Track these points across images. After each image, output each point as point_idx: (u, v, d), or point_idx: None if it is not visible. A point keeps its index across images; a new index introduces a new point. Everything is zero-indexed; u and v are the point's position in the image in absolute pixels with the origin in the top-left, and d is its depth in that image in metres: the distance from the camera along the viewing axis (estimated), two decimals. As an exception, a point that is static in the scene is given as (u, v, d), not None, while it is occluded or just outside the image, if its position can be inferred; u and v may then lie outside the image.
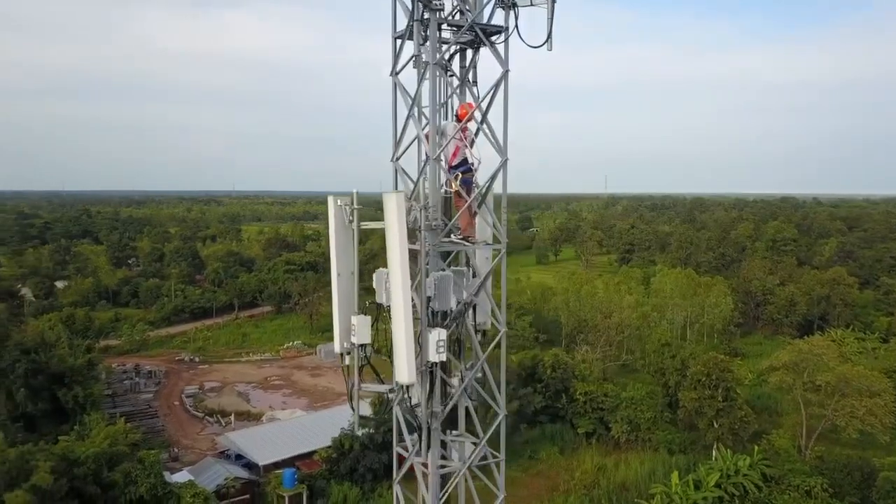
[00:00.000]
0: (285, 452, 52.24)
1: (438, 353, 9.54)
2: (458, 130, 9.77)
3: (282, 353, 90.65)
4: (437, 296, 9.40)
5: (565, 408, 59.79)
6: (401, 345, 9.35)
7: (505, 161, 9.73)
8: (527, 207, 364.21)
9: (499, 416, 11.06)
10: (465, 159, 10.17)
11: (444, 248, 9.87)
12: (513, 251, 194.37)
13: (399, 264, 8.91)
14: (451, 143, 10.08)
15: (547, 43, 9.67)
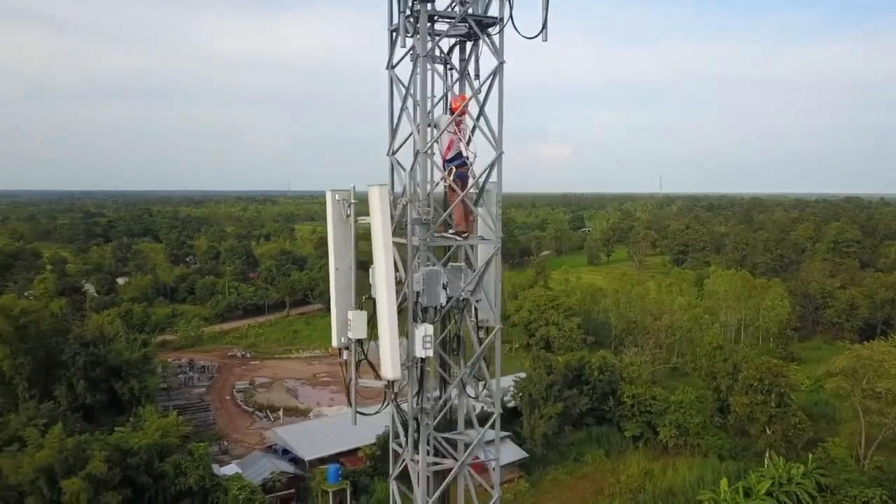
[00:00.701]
0: (330, 448, 52.86)
1: (425, 348, 9.49)
2: (450, 123, 9.66)
3: (331, 351, 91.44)
4: (426, 291, 9.32)
5: (612, 410, 58.93)
6: (385, 340, 9.34)
7: (499, 155, 9.58)
8: (579, 207, 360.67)
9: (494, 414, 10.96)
10: (460, 153, 10.06)
11: (435, 244, 9.80)
12: (564, 251, 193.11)
13: (383, 259, 8.88)
14: (445, 137, 10.00)
15: (542, 33, 9.50)
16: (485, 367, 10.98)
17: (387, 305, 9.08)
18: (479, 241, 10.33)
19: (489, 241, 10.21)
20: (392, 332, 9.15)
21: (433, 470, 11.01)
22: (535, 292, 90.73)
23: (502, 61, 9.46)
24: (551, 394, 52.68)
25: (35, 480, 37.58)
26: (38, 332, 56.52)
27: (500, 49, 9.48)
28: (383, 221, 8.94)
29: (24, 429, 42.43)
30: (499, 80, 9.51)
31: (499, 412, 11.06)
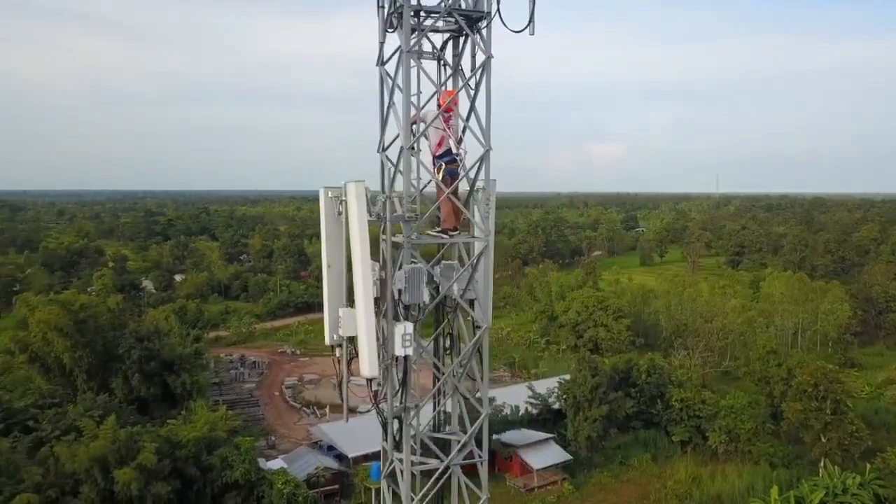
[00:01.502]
0: (374, 446, 52.90)
1: (405, 347, 9.43)
2: (437, 118, 9.53)
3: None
4: (408, 289, 9.24)
5: (660, 414, 57.80)
6: (363, 337, 9.32)
7: (487, 151, 9.44)
8: (633, 207, 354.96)
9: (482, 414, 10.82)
10: (450, 149, 9.94)
11: (419, 241, 9.73)
12: (616, 252, 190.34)
13: (360, 256, 8.85)
14: (434, 133, 9.90)
15: (529, 27, 9.33)
16: (475, 366, 10.86)
17: (364, 303, 9.08)
18: (466, 240, 10.23)
19: (477, 239, 10.10)
20: (369, 329, 9.14)
21: (421, 469, 10.95)
22: (584, 293, 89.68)
23: (490, 56, 9.31)
24: (596, 396, 51.98)
25: (90, 469, 38.97)
26: (96, 326, 58.64)
27: (487, 44, 9.34)
28: (360, 218, 8.93)
29: (80, 419, 44.07)
30: (486, 75, 9.37)
31: (487, 412, 10.92)
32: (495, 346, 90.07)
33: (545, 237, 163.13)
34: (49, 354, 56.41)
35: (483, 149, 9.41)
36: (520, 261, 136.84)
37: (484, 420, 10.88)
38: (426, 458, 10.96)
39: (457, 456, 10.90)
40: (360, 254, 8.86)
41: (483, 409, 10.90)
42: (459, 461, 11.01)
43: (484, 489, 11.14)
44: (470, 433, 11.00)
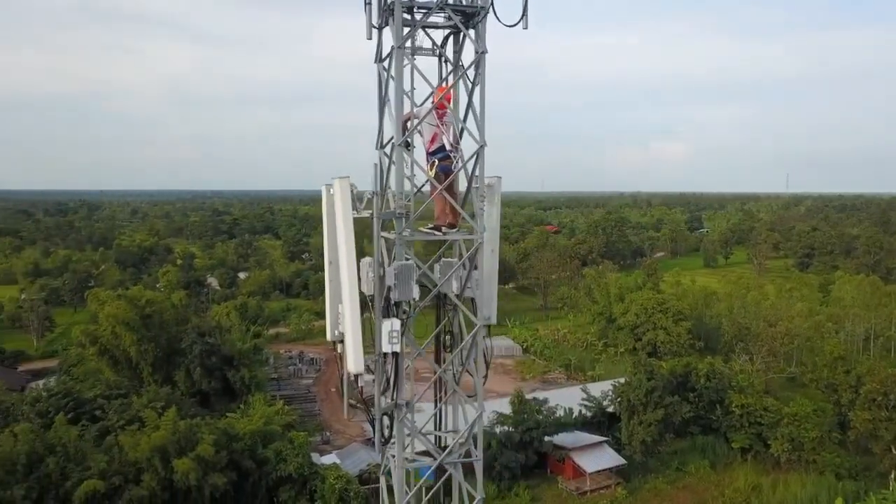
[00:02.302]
0: (426, 444, 53.54)
1: (392, 343, 9.39)
2: (428, 114, 9.45)
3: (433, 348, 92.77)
4: (398, 286, 9.19)
5: (719, 420, 56.16)
6: (348, 333, 9.34)
7: (481, 147, 9.30)
8: (698, 207, 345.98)
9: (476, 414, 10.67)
10: (443, 146, 9.82)
11: (411, 238, 9.68)
12: (679, 253, 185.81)
13: (345, 252, 8.85)
14: (428, 129, 9.81)
15: (522, 20, 9.15)
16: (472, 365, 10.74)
17: (349, 299, 9.11)
18: (458, 237, 10.13)
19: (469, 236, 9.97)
20: (354, 325, 9.16)
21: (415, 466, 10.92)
22: (643, 295, 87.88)
23: (483, 51, 9.19)
24: (651, 400, 50.90)
25: (151, 458, 40.43)
26: (161, 321, 60.80)
27: (482, 39, 9.22)
28: (344, 214, 8.97)
29: (143, 410, 45.75)
30: (481, 70, 9.25)
31: (481, 410, 10.79)
32: (551, 348, 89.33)
33: (606, 237, 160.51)
34: (117, 347, 58.80)
35: (477, 145, 9.32)
36: (579, 261, 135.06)
37: (478, 419, 10.77)
38: (418, 457, 10.96)
39: (451, 454, 10.83)
40: (345, 250, 8.93)
41: (477, 407, 10.79)
42: (453, 460, 10.95)
43: (479, 489, 11.04)
44: (463, 432, 10.93)
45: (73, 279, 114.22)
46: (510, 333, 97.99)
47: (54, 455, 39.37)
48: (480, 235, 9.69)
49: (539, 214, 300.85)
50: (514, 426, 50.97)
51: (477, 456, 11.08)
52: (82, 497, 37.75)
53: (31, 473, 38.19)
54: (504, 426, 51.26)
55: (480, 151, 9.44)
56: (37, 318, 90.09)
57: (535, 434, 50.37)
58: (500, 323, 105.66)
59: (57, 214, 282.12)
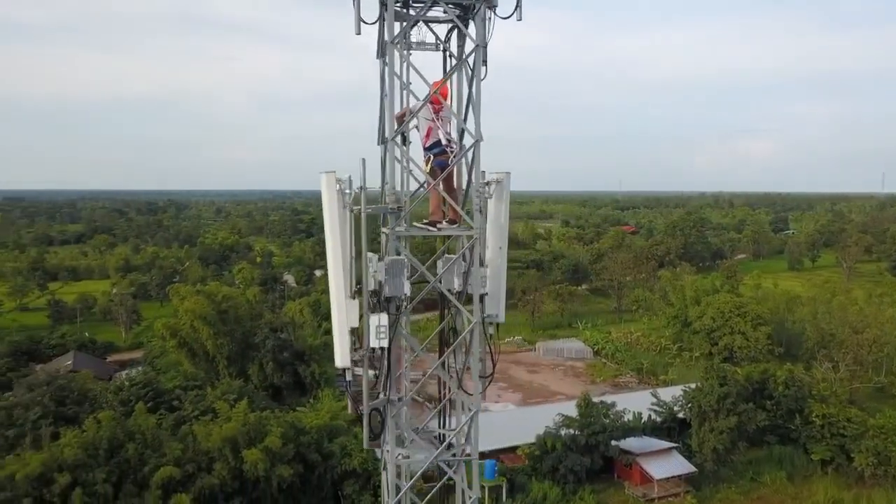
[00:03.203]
0: (490, 444, 53.25)
1: (379, 338, 9.32)
2: (422, 108, 9.30)
3: (502, 347, 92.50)
4: (388, 281, 9.10)
5: (798, 430, 53.69)
6: (335, 327, 9.34)
7: (476, 142, 9.09)
8: (783, 208, 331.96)
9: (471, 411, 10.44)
10: (439, 141, 9.66)
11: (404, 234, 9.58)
12: (762, 255, 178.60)
13: (331, 247, 8.84)
14: (423, 124, 9.67)
15: (516, 12, 8.90)
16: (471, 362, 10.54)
17: (335, 293, 9.14)
18: (452, 232, 9.98)
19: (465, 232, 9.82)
20: (341, 320, 9.16)
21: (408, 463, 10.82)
22: (720, 298, 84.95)
23: (478, 44, 9.02)
24: (724, 406, 49.12)
25: (222, 448, 41.94)
26: (236, 316, 63.03)
27: (480, 32, 9.05)
28: (330, 209, 8.97)
29: (217, 402, 47.52)
30: (477, 64, 9.08)
31: (477, 409, 10.59)
32: (623, 351, 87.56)
33: (684, 238, 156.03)
34: (195, 341, 61.31)
35: (473, 139, 9.19)
36: (655, 263, 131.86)
37: (474, 417, 10.61)
38: (411, 454, 10.89)
39: (444, 452, 10.73)
40: (331, 244, 9.00)
41: (474, 406, 10.62)
42: (446, 458, 10.83)
43: (474, 489, 10.88)
44: (457, 430, 10.80)
45: (160, 275, 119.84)
46: (581, 336, 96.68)
47: (134, 441, 41.36)
48: (477, 231, 9.58)
49: (616, 214, 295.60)
50: (579, 429, 50.18)
51: (473, 455, 10.95)
52: (158, 482, 39.50)
53: (112, 458, 40.23)
54: (569, 429, 50.55)
55: (476, 146, 9.32)
56: (125, 311, 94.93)
57: (600, 438, 49.45)
58: (572, 325, 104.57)
59: (148, 214, 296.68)
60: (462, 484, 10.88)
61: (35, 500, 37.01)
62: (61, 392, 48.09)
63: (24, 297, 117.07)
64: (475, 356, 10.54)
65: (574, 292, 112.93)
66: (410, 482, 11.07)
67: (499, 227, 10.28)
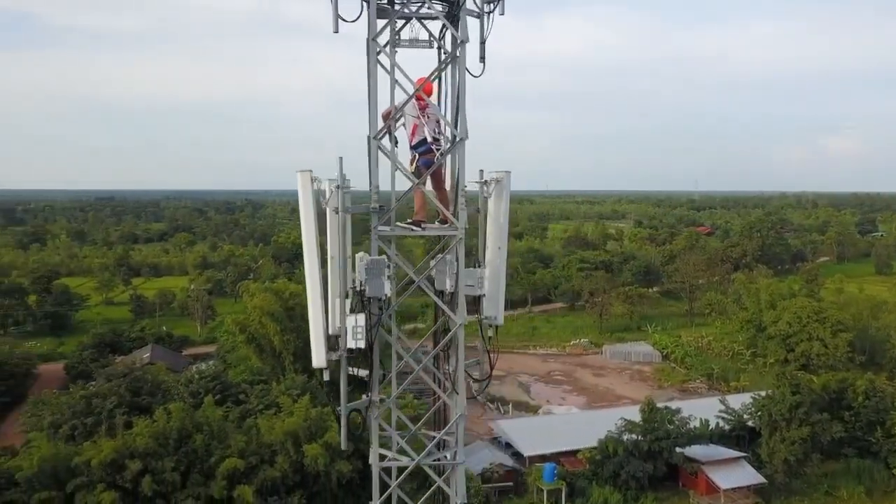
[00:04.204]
0: (551, 447, 52.87)
1: (356, 339, 9.17)
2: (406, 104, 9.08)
3: (568, 350, 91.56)
4: (368, 281, 8.94)
5: (879, 443, 50.88)
6: (311, 327, 9.29)
7: (460, 140, 8.81)
8: (872, 208, 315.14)
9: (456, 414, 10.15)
10: (425, 139, 9.42)
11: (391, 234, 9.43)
12: (847, 258, 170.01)
13: (307, 248, 8.76)
14: (409, 122, 9.44)
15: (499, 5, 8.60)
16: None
17: (311, 294, 9.11)
18: (437, 232, 9.75)
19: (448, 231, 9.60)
20: (316, 319, 9.09)
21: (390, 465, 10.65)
22: (797, 303, 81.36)
23: (463, 40, 8.79)
24: (796, 416, 47.02)
25: (284, 442, 42.97)
26: (302, 313, 64.26)
27: (463, 27, 8.83)
28: (305, 208, 8.92)
29: (280, 396, 48.69)
30: (461, 60, 8.85)
31: (462, 412, 10.31)
32: (693, 356, 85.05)
33: (761, 240, 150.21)
34: (263, 337, 62.97)
35: (456, 137, 8.97)
36: (730, 265, 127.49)
37: (459, 421, 10.37)
38: (398, 456, 10.75)
39: (428, 456, 10.53)
40: (306, 244, 8.97)
41: (458, 409, 10.38)
42: (430, 462, 10.63)
43: (460, 494, 10.63)
44: (442, 433, 10.59)
45: (235, 272, 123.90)
46: (650, 339, 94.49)
47: (201, 433, 42.82)
48: (461, 231, 9.38)
49: (691, 215, 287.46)
50: (642, 434, 49.03)
51: (459, 458, 10.74)
52: (224, 473, 40.79)
53: (180, 448, 41.77)
54: (632, 434, 49.46)
55: (459, 144, 9.13)
56: (201, 307, 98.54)
57: (664, 444, 48.17)
58: (641, 328, 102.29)
59: (225, 213, 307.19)
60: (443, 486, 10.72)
61: (108, 485, 38.82)
62: (136, 383, 50.24)
63: (109, 292, 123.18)
64: (460, 358, 10.40)
65: (644, 294, 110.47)
66: (396, 482, 10.99)
67: (498, 226, 10.10)
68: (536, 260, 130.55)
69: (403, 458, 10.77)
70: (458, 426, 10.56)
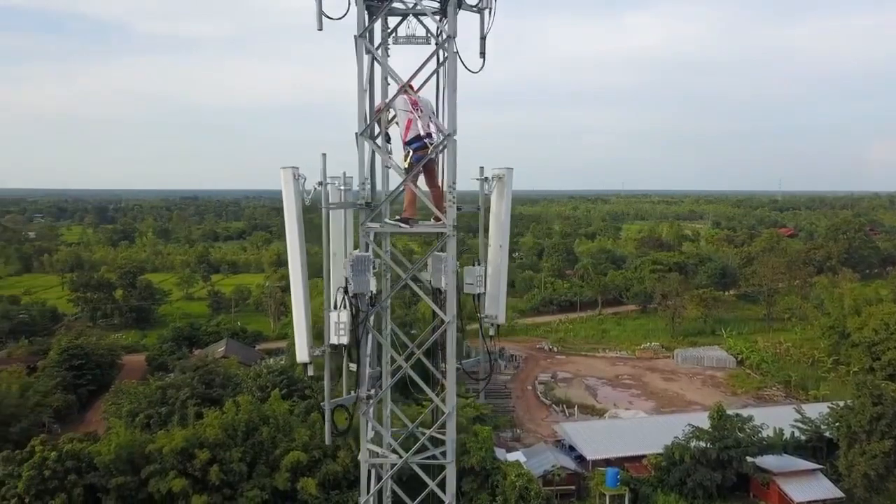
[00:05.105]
0: (615, 451, 51.89)
1: (338, 335, 9.06)
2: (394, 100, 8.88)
3: (637, 353, 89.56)
4: (354, 278, 8.81)
5: (973, 461, 47.54)
6: (295, 322, 9.25)
7: (448, 136, 8.57)
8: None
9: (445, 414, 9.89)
10: (419, 135, 9.20)
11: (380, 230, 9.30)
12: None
13: (290, 244, 8.73)
14: (402, 118, 9.26)
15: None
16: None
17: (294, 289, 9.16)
18: (426, 230, 9.56)
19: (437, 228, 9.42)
20: (299, 314, 9.08)
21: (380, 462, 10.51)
22: (885, 308, 77.04)
23: (450, 35, 8.61)
24: (877, 428, 44.50)
25: (346, 437, 43.72)
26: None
27: (452, 23, 8.64)
28: (289, 204, 8.92)
29: (345, 392, 49.58)
30: (449, 56, 8.66)
31: (449, 411, 10.06)
32: (770, 362, 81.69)
33: (847, 243, 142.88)
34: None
35: (444, 133, 8.80)
36: (813, 268, 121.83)
37: (447, 419, 10.16)
38: (385, 453, 10.64)
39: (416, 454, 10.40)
40: (290, 239, 9.00)
41: (446, 408, 10.18)
42: (417, 460, 10.48)
43: (449, 494, 10.41)
44: (430, 432, 10.43)
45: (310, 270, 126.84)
46: (725, 344, 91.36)
47: (267, 425, 44.09)
48: (449, 229, 9.22)
49: (773, 216, 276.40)
50: (710, 442, 47.47)
51: (448, 458, 10.56)
52: (288, 465, 41.91)
53: (247, 439, 43.15)
54: (700, 441, 47.95)
55: (447, 141, 8.98)
56: (274, 303, 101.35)
57: (734, 453, 46.49)
58: (715, 332, 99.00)
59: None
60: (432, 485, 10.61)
61: (179, 472, 40.48)
62: (209, 375, 52.17)
63: (189, 288, 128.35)
64: (450, 356, 10.29)
65: (719, 298, 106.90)
66: (380, 482, 10.96)
67: (500, 224, 9.95)
68: (608, 261, 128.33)
69: (392, 456, 10.78)
70: (449, 424, 10.44)
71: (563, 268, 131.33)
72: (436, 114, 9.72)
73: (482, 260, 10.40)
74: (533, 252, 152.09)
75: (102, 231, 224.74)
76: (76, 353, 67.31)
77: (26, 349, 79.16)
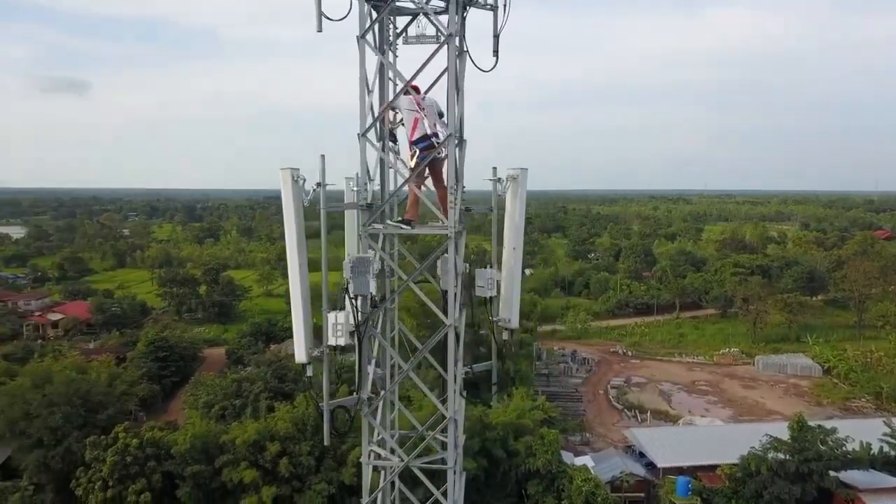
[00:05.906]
0: (687, 459, 50.27)
1: (336, 336, 8.86)
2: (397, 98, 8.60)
3: (716, 359, 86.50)
4: (354, 279, 8.61)
5: None
6: (294, 323, 9.11)
7: (450, 135, 8.25)
8: None
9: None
10: (426, 135, 8.88)
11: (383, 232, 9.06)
12: None
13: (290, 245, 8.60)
14: (409, 117, 8.97)
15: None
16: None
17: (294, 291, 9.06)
18: (429, 231, 9.26)
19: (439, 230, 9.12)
20: (298, 316, 8.98)
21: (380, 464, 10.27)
22: None
23: (450, 34, 8.31)
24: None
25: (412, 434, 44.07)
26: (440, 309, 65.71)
27: (451, 22, 8.36)
28: (288, 205, 8.83)
29: (412, 390, 49.93)
30: (451, 55, 8.38)
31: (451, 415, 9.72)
32: (859, 372, 77.37)
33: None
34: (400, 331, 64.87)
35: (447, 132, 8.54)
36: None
37: (449, 423, 9.87)
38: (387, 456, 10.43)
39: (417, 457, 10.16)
40: (289, 240, 8.94)
41: (448, 412, 9.89)
42: (418, 464, 10.23)
43: (449, 499, 10.10)
44: (433, 434, 10.16)
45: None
46: (810, 351, 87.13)
47: (335, 420, 44.94)
48: (451, 230, 8.97)
49: (868, 217, 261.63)
50: (790, 454, 45.31)
51: (449, 463, 10.29)
52: (354, 460, 42.57)
53: (316, 434, 44.06)
54: (778, 452, 45.85)
55: (450, 140, 8.72)
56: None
57: (815, 466, 44.17)
58: (800, 339, 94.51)
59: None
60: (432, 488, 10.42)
61: (250, 463, 41.80)
62: (281, 370, 53.63)
63: (269, 284, 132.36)
64: (451, 360, 10.11)
65: (806, 303, 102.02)
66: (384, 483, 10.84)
67: (514, 226, 9.70)
68: (688, 263, 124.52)
69: (394, 459, 10.72)
70: (451, 429, 10.27)
71: (640, 269, 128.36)
72: (444, 114, 9.56)
73: (495, 262, 10.23)
74: (609, 253, 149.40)
75: (190, 229, 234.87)
76: (161, 345, 70.58)
77: (117, 340, 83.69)
